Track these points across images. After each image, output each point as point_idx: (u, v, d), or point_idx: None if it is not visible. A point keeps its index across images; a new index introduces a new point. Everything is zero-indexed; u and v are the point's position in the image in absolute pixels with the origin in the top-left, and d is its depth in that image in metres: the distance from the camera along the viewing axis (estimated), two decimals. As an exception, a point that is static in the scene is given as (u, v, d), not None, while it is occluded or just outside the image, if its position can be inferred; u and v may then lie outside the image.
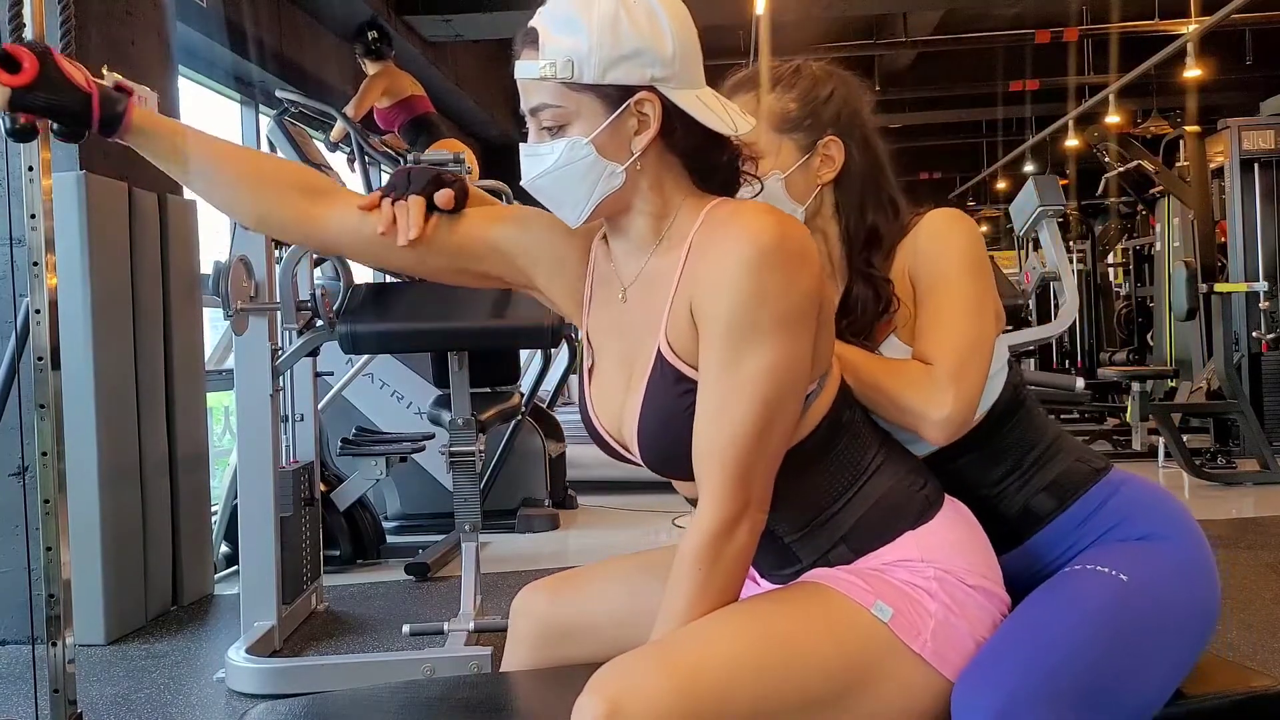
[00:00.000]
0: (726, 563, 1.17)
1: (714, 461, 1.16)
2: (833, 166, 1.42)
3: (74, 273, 3.20)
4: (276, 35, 6.08)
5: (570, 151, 1.20)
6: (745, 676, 1.12)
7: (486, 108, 9.79)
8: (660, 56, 1.18)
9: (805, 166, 1.42)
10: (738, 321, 1.14)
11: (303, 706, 1.38)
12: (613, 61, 1.17)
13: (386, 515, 4.84)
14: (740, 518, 1.16)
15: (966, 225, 1.41)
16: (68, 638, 1.87)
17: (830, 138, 1.41)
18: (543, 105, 1.22)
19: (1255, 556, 3.82)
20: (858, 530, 1.25)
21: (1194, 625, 1.31)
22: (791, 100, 1.42)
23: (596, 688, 1.10)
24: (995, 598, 1.26)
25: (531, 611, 1.48)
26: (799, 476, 1.25)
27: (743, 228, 1.16)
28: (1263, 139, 6.65)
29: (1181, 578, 1.32)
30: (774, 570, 1.32)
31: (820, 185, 1.43)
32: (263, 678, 2.75)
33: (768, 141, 1.41)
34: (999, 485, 1.40)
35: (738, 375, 1.15)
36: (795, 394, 1.19)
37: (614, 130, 1.20)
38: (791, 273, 1.15)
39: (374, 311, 2.91)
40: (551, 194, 1.25)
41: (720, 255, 1.16)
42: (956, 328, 1.33)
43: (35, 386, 1.85)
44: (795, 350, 1.16)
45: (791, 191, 1.42)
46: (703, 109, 1.21)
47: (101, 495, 3.26)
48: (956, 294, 1.35)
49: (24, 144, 1.82)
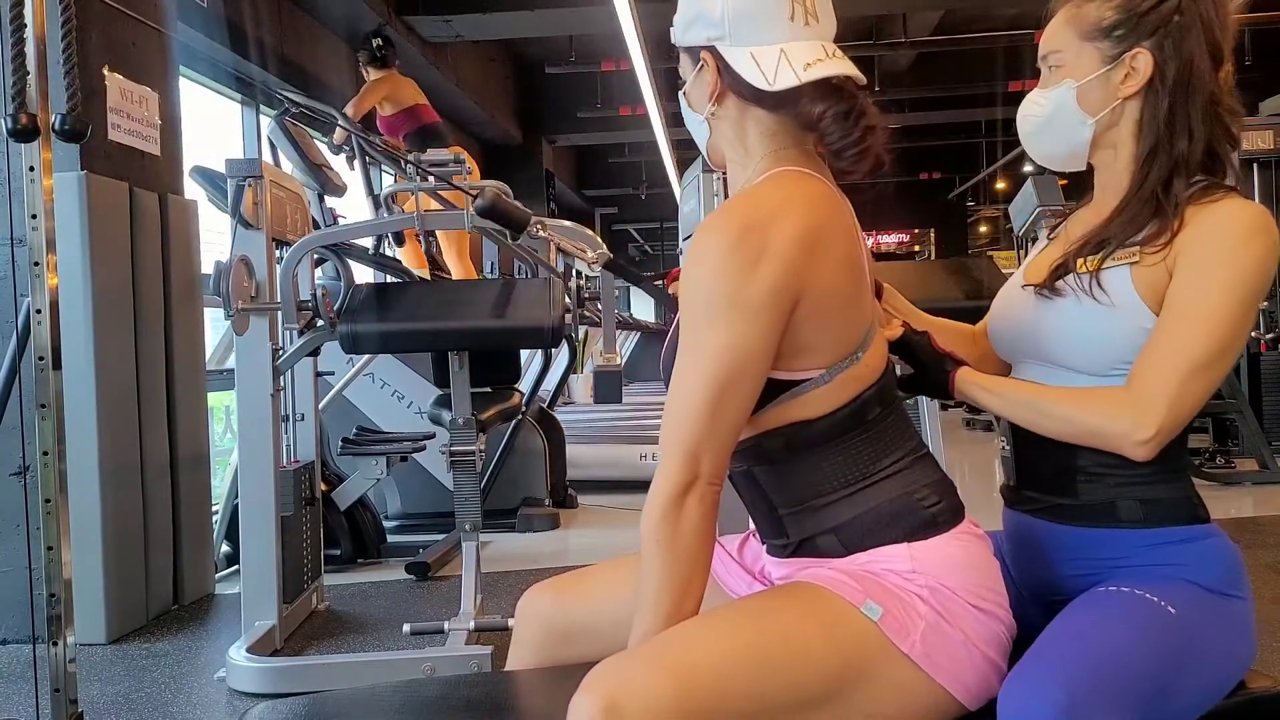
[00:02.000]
0: (684, 534, 1.18)
1: (669, 433, 1.20)
2: (1136, 80, 1.34)
3: (75, 273, 3.20)
4: (277, 35, 6.08)
5: (682, 100, 1.39)
6: (740, 674, 1.13)
7: (487, 108, 9.79)
8: (711, 18, 1.28)
9: (1105, 78, 1.36)
10: (694, 298, 1.21)
11: (303, 706, 1.39)
12: (685, 26, 1.33)
13: (387, 515, 4.84)
14: (689, 489, 1.18)
15: (1269, 240, 1.29)
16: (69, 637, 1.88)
17: (1140, 49, 1.33)
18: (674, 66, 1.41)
19: (1255, 556, 3.82)
20: (851, 526, 1.26)
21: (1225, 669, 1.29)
22: (1110, 8, 1.35)
23: (591, 686, 1.10)
24: (995, 617, 1.24)
25: (536, 613, 1.48)
26: (802, 454, 1.27)
27: (722, 214, 1.22)
28: (1262, 139, 6.65)
29: (1228, 631, 1.29)
30: (768, 538, 1.36)
31: (1121, 99, 1.36)
32: (263, 677, 2.75)
33: (1070, 49, 1.37)
34: (1105, 469, 1.34)
35: (693, 355, 1.20)
36: (750, 376, 1.21)
37: (695, 85, 1.35)
38: (752, 265, 1.18)
39: (374, 311, 2.91)
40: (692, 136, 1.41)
41: (698, 238, 1.22)
42: (1194, 351, 1.25)
43: (36, 386, 1.86)
44: (747, 337, 1.19)
45: (1083, 102, 1.37)
46: (748, 64, 1.26)
47: (102, 495, 3.27)
48: (1208, 309, 1.26)
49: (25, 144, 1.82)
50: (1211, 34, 1.34)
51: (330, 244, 3.22)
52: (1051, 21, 1.42)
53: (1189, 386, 1.26)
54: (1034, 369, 1.42)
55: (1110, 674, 1.16)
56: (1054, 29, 1.41)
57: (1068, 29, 1.39)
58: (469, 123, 10.09)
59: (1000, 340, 1.50)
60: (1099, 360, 1.33)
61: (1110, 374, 1.33)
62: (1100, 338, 1.33)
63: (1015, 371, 1.47)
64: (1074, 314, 1.34)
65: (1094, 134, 1.38)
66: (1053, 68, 1.40)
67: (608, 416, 7.47)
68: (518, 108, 11.18)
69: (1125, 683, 1.17)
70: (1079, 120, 1.38)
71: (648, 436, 6.12)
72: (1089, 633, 1.21)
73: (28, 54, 1.85)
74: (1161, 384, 1.26)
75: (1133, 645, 1.21)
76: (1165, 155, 1.34)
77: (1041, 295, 1.38)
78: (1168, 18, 1.33)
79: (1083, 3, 1.38)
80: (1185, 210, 1.31)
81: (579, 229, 2.89)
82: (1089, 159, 1.42)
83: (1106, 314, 1.32)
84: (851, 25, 8.75)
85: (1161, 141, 1.35)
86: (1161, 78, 1.34)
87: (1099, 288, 1.32)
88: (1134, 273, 1.31)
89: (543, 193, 11.46)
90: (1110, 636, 1.21)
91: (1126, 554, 1.34)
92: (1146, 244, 1.31)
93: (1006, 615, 1.26)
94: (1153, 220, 1.33)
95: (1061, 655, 1.18)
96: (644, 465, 5.76)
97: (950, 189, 16.53)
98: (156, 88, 3.72)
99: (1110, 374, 1.33)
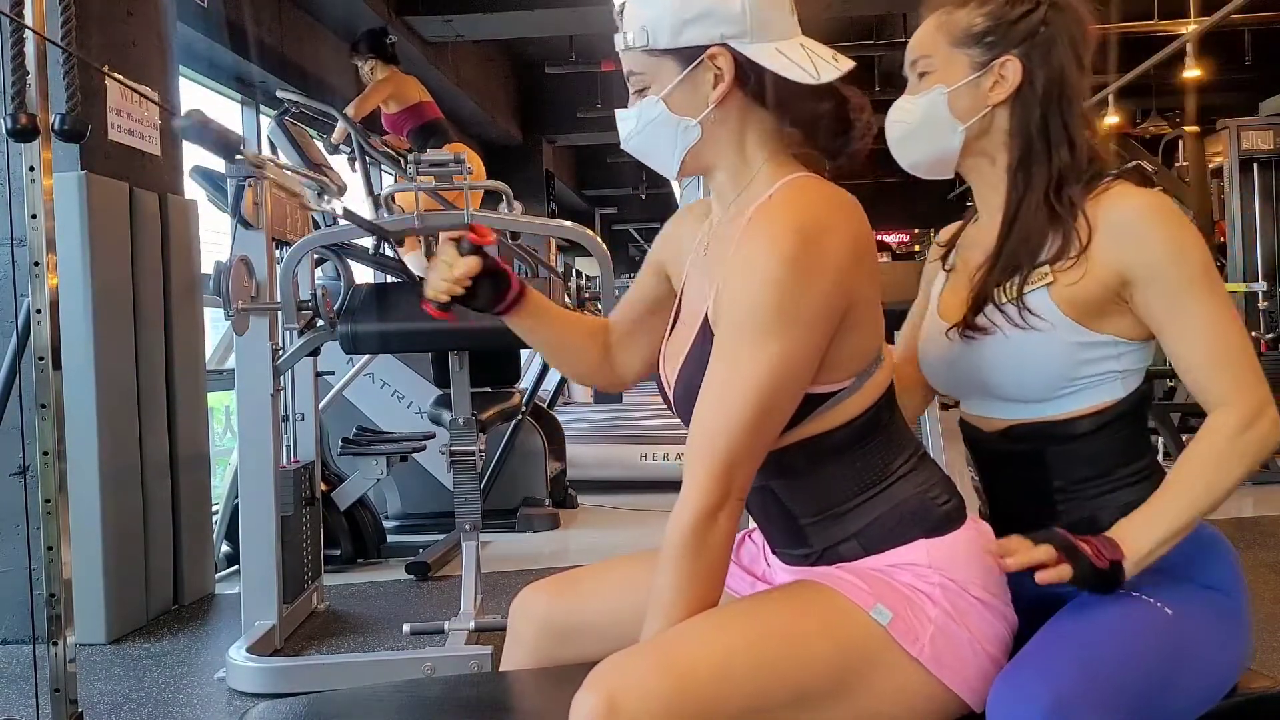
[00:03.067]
0: (711, 550, 1.17)
1: (703, 449, 1.17)
2: (1005, 87, 1.35)
3: (75, 273, 3.20)
4: (277, 35, 6.08)
5: (644, 110, 1.29)
6: (741, 673, 1.13)
7: (487, 108, 9.79)
8: (729, 14, 1.23)
9: (974, 84, 1.36)
10: (747, 317, 1.16)
11: (303, 706, 1.38)
12: (683, 25, 1.24)
13: (387, 515, 4.84)
14: (721, 506, 1.17)
15: (1189, 222, 1.33)
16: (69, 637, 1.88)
17: (1009, 57, 1.34)
18: (630, 72, 1.30)
19: (1255, 556, 3.82)
20: (871, 529, 1.26)
21: (1220, 671, 1.29)
22: (979, 15, 1.36)
23: (593, 684, 1.10)
24: (1001, 615, 1.25)
25: (531, 612, 1.48)
26: (823, 464, 1.26)
27: (777, 223, 1.18)
28: (1262, 139, 6.65)
29: (1223, 630, 1.29)
30: (786, 548, 1.33)
31: (991, 106, 1.36)
32: (263, 677, 2.75)
33: (940, 55, 1.38)
34: (1078, 485, 1.34)
35: (739, 368, 1.16)
36: (793, 393, 1.19)
37: (689, 87, 1.26)
38: (810, 277, 1.15)
39: (374, 311, 2.91)
40: (643, 151, 1.34)
41: (751, 246, 1.18)
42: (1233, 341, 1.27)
43: (36, 386, 1.86)
44: (800, 351, 1.17)
45: (954, 108, 1.37)
46: (779, 59, 1.23)
47: (102, 495, 3.27)
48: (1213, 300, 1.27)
49: (25, 144, 1.82)
50: (1076, 48, 1.36)
51: (330, 244, 3.22)
52: (921, 27, 1.42)
53: (1247, 358, 1.27)
54: (981, 403, 1.41)
55: (1102, 675, 1.16)
56: (924, 35, 1.41)
57: (938, 35, 1.39)
58: (469, 123, 10.09)
59: (936, 379, 1.48)
60: (1041, 386, 1.33)
61: (1054, 397, 1.32)
62: (1039, 363, 1.32)
63: (964, 406, 1.45)
64: (1006, 345, 1.33)
65: (964, 141, 1.38)
66: (922, 74, 1.40)
67: (608, 416, 7.47)
68: (518, 108, 11.18)
69: (1118, 684, 1.17)
70: (950, 127, 1.37)
71: (648, 436, 6.12)
72: (1081, 635, 1.21)
73: (27, 54, 1.85)
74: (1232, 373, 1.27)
75: (1126, 647, 1.21)
76: (1043, 165, 1.34)
77: (964, 336, 1.36)
78: (1036, 27, 1.34)
79: (953, 9, 1.38)
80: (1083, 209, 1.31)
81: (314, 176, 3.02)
82: (958, 167, 1.42)
83: (1042, 339, 1.31)
84: (851, 25, 8.74)
85: (1036, 151, 1.35)
86: (1030, 86, 1.35)
87: (1029, 313, 1.31)
88: (1052, 292, 1.30)
89: (543, 193, 11.46)
90: (1103, 638, 1.21)
91: None
92: (1056, 261, 1.31)
93: (1010, 611, 1.26)
94: (1051, 232, 1.32)
95: (1051, 657, 1.18)
96: (644, 465, 5.77)
97: (950, 189, 16.51)
98: (156, 88, 3.72)
99: (1054, 397, 1.32)
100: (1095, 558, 1.22)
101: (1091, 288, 1.29)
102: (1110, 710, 1.15)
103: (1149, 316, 1.29)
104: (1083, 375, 1.31)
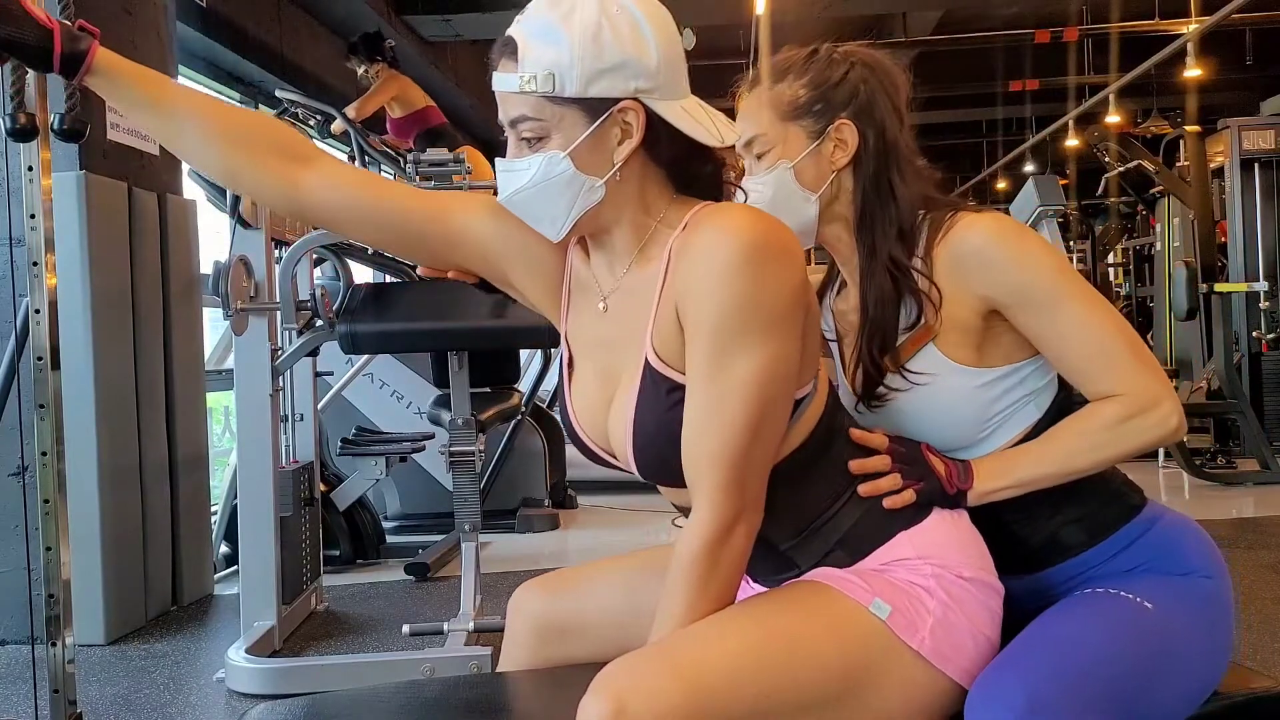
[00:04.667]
0: (725, 566, 1.16)
1: (708, 466, 1.15)
2: (846, 151, 1.37)
3: (74, 273, 3.20)
4: (277, 35, 6.08)
5: (548, 166, 1.18)
6: (749, 675, 1.12)
7: (487, 108, 9.79)
8: (644, 68, 1.16)
9: (816, 153, 1.37)
10: (725, 324, 1.13)
11: (303, 706, 1.38)
12: (596, 74, 1.15)
13: (386, 515, 4.84)
14: (737, 520, 1.15)
15: (1033, 233, 1.36)
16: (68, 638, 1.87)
17: (842, 121, 1.36)
18: (522, 118, 1.18)
19: (1255, 556, 3.81)
20: (854, 534, 1.26)
21: (1210, 661, 1.29)
22: (801, 86, 1.37)
23: (601, 687, 1.09)
24: (990, 589, 1.25)
25: (528, 609, 1.48)
26: (795, 484, 1.25)
27: (723, 229, 1.14)
28: (1263, 139, 6.64)
29: (1205, 617, 1.30)
30: (770, 576, 1.32)
31: (836, 171, 1.38)
32: (263, 678, 2.75)
33: (775, 132, 1.37)
34: (1027, 511, 1.34)
35: (728, 379, 1.14)
36: (786, 394, 1.19)
37: (594, 143, 1.18)
38: (777, 271, 1.14)
39: (374, 311, 2.91)
40: (529, 210, 1.22)
41: (704, 257, 1.14)
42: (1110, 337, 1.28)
43: (35, 386, 1.85)
44: (784, 350, 1.15)
45: (802, 180, 1.37)
46: (687, 119, 1.19)
47: (101, 495, 3.26)
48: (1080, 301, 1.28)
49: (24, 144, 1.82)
50: (894, 99, 1.39)
51: (329, 244, 3.22)
52: (742, 110, 1.42)
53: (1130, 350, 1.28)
54: None
55: (1081, 676, 1.16)
56: (750, 116, 1.40)
57: (765, 112, 1.38)
58: (469, 122, 10.08)
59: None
60: (959, 435, 1.34)
61: (981, 437, 1.34)
62: (953, 413, 1.33)
63: None
64: (910, 411, 1.34)
65: (819, 209, 1.38)
66: (760, 154, 1.39)
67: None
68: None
69: (1100, 684, 1.17)
70: (802, 198, 1.37)
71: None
72: (1060, 635, 1.22)
73: (26, 53, 1.84)
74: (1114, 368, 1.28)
75: (1107, 646, 1.21)
76: (883, 224, 1.35)
77: (875, 408, 1.37)
78: (856, 88, 1.37)
79: (772, 85, 1.39)
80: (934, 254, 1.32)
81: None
82: (819, 239, 1.42)
83: (945, 390, 1.32)
84: (851, 25, 8.74)
85: (871, 209, 1.36)
86: (865, 146, 1.36)
87: (916, 374, 1.32)
88: (938, 344, 1.32)
89: (542, 193, 11.44)
90: (1082, 638, 1.21)
91: (1087, 573, 1.34)
92: (915, 327, 1.32)
93: (995, 579, 1.27)
94: (904, 292, 1.32)
95: (1027, 658, 1.19)
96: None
97: (950, 189, 16.48)
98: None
99: (981, 437, 1.34)
100: (946, 483, 1.28)
101: (968, 327, 1.31)
102: (1091, 711, 1.15)
103: (1028, 334, 1.31)
104: (997, 411, 1.33)
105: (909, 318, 1.33)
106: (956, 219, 1.33)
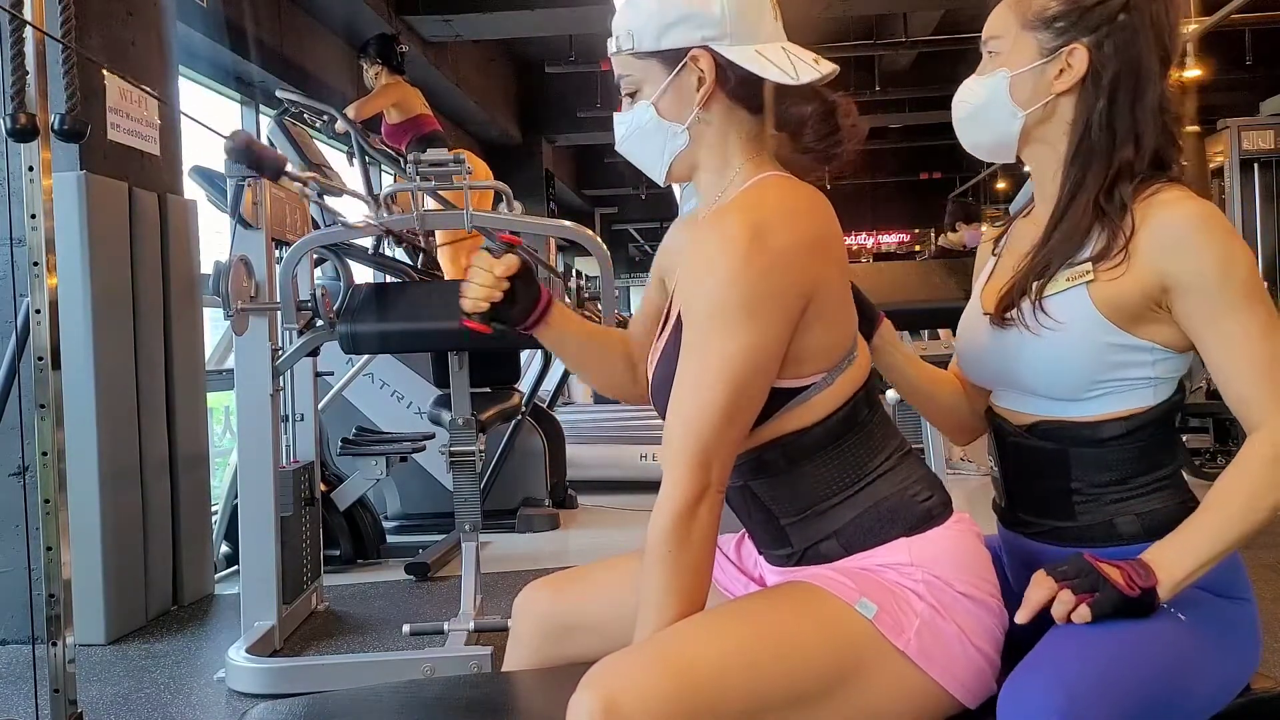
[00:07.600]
0: (694, 542, 1.18)
1: (680, 440, 1.18)
2: (1070, 77, 1.30)
3: (74, 273, 3.20)
4: (277, 35, 6.08)
5: (636, 115, 1.31)
6: (738, 672, 1.13)
7: (487, 108, 9.79)
8: (710, 17, 1.25)
9: (1040, 70, 1.32)
10: (706, 306, 1.19)
11: (303, 706, 1.38)
12: (664, 28, 1.26)
13: (386, 515, 4.84)
14: (701, 498, 1.18)
15: (1239, 237, 1.28)
16: (68, 637, 1.87)
17: (1077, 45, 1.29)
18: (620, 76, 1.32)
19: (1255, 556, 3.80)
20: (851, 528, 1.27)
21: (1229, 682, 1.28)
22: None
23: (591, 684, 1.10)
24: (990, 610, 1.25)
25: (533, 610, 1.48)
26: (800, 463, 1.27)
27: (727, 220, 1.20)
28: (1262, 139, 6.64)
29: (1234, 638, 1.28)
30: (768, 548, 1.35)
31: (1054, 95, 1.32)
32: (263, 677, 2.75)
33: (1010, 37, 1.34)
34: (1099, 489, 1.32)
35: (706, 359, 1.18)
36: (762, 381, 1.21)
37: (675, 92, 1.28)
38: (762, 270, 1.17)
39: (374, 311, 2.91)
40: (635, 156, 1.36)
41: (704, 245, 1.20)
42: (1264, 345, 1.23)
43: (35, 386, 1.86)
44: (761, 343, 1.18)
45: (1015, 94, 1.33)
46: (758, 60, 1.25)
47: (102, 495, 3.26)
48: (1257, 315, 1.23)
49: (24, 144, 1.82)
50: (1161, 37, 1.31)
51: (330, 244, 3.22)
52: (998, 6, 1.38)
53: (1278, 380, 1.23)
54: (1011, 396, 1.39)
55: (1114, 678, 1.15)
56: (998, 14, 1.37)
57: (1010, 15, 1.35)
58: (469, 122, 10.09)
59: (970, 369, 1.46)
60: (1070, 384, 1.30)
61: (1083, 397, 1.30)
62: (1070, 361, 1.29)
63: (994, 397, 1.43)
64: (1031, 342, 1.31)
65: (1024, 127, 1.35)
66: (991, 54, 1.37)
67: (608, 416, 7.46)
68: (517, 107, 11.18)
69: (1130, 688, 1.16)
70: (1010, 112, 1.34)
71: (648, 436, 6.11)
72: (1093, 637, 1.20)
73: (27, 53, 1.85)
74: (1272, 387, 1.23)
75: (1140, 651, 1.19)
76: (1101, 162, 1.30)
77: (996, 326, 1.35)
78: (1113, 15, 1.29)
79: None
80: (1131, 211, 1.27)
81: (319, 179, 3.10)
82: (1019, 153, 1.38)
83: (1074, 337, 1.28)
84: (851, 25, 8.74)
85: (1097, 145, 1.30)
86: (1096, 77, 1.30)
87: (1045, 315, 1.29)
88: (1092, 291, 1.28)
89: (542, 192, 11.46)
90: (1116, 641, 1.19)
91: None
92: (1100, 259, 1.27)
93: (999, 606, 1.26)
94: (1097, 230, 1.29)
95: (1065, 658, 1.17)
96: (644, 465, 5.76)
97: (950, 189, 16.52)
98: (156, 88, 3.72)
99: (1083, 397, 1.30)
100: (1127, 587, 1.19)
101: (1131, 290, 1.26)
102: (1122, 713, 1.14)
103: (1188, 325, 1.26)
104: (1113, 378, 1.29)
105: (1079, 257, 1.29)
106: (1167, 189, 1.28)
